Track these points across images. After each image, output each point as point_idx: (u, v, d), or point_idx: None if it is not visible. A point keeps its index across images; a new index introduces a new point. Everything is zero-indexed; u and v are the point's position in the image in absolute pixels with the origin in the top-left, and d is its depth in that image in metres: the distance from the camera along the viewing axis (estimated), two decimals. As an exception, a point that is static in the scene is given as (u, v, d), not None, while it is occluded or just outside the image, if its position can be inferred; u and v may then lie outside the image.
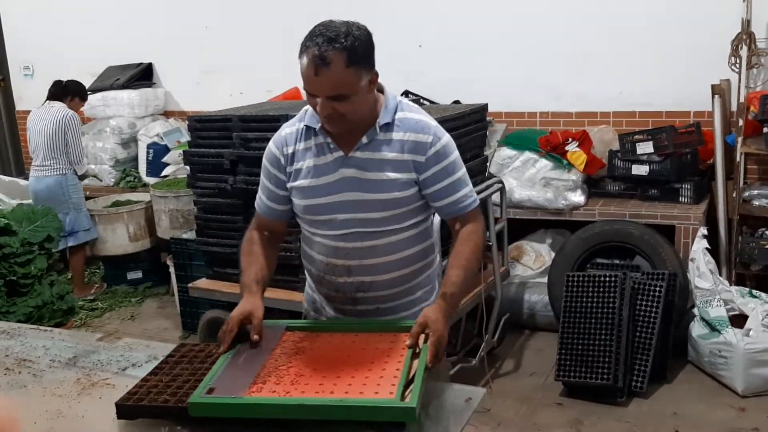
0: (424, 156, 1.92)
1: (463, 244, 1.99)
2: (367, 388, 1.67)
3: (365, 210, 1.94)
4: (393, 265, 2.01)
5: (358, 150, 1.92)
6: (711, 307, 3.68)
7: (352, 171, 1.92)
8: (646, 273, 3.80)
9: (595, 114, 4.89)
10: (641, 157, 4.30)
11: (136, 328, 4.89)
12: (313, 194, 1.96)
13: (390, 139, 1.92)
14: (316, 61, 1.73)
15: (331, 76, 1.74)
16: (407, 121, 1.94)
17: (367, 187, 1.92)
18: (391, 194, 1.93)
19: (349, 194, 1.93)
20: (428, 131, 1.94)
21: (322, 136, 1.94)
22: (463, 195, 2.00)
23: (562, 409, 3.53)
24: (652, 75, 4.64)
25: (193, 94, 6.30)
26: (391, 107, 1.94)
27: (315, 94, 1.79)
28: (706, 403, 3.51)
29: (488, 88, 4.94)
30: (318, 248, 2.05)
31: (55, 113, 5.26)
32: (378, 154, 1.91)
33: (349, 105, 1.80)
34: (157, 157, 5.94)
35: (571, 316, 3.69)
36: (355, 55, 1.76)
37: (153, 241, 5.53)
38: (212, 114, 4.01)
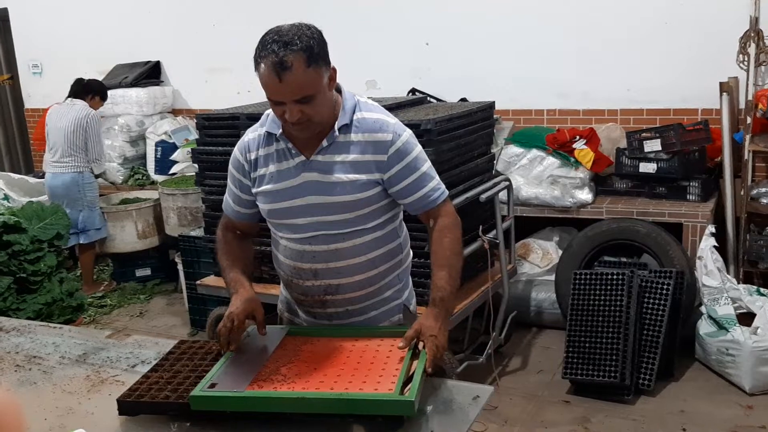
0: (385, 155, 1.91)
1: (439, 242, 1.97)
2: (367, 386, 1.69)
3: (329, 212, 1.93)
4: (360, 267, 2.00)
5: (318, 154, 1.91)
6: (718, 305, 3.67)
7: (314, 174, 1.92)
8: (654, 271, 3.80)
9: (603, 111, 4.88)
10: (649, 154, 4.29)
11: (144, 325, 4.91)
12: (276, 198, 1.97)
13: (349, 141, 1.91)
14: (276, 67, 1.72)
15: (295, 79, 1.74)
16: (365, 121, 1.93)
17: (329, 190, 1.92)
18: (353, 196, 1.92)
19: (311, 198, 1.93)
20: (387, 129, 1.92)
21: (283, 142, 1.94)
22: (430, 189, 1.98)
23: (569, 407, 3.53)
24: (659, 72, 4.62)
25: (200, 92, 6.31)
26: (348, 108, 1.93)
27: (281, 101, 1.79)
28: (713, 401, 3.50)
29: (495, 86, 4.94)
30: (284, 252, 2.05)
31: (78, 111, 5.29)
32: (338, 156, 1.91)
33: (315, 106, 1.80)
34: (165, 155, 5.96)
35: (579, 314, 3.69)
36: (313, 53, 1.75)
37: (161, 238, 5.55)
38: (220, 112, 4.02)
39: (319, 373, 1.77)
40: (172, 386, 1.79)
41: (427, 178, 1.98)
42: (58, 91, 5.79)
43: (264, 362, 1.83)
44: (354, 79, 5.44)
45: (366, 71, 5.46)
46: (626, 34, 4.69)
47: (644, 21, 4.62)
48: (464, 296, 3.62)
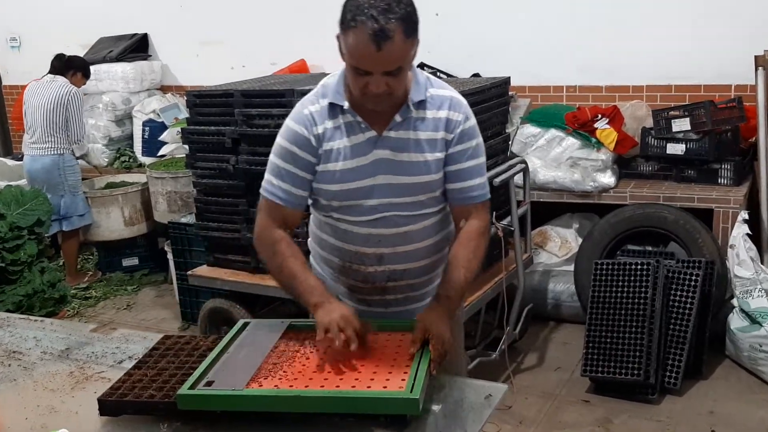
0: (452, 133, 1.95)
1: (466, 243, 1.99)
2: (375, 383, 1.70)
3: (400, 194, 1.94)
4: (426, 251, 2.03)
5: (391, 129, 1.91)
6: (751, 297, 3.66)
7: (386, 152, 1.92)
8: (681, 261, 3.79)
9: (627, 88, 4.85)
10: (677, 134, 4.27)
11: (132, 318, 4.93)
12: (346, 178, 1.94)
13: (423, 117, 1.93)
14: (377, 35, 1.69)
15: (394, 50, 1.72)
16: (439, 98, 1.95)
17: (402, 170, 1.93)
18: (428, 176, 1.95)
19: (383, 177, 1.93)
20: (460, 109, 1.97)
21: (350, 114, 1.91)
22: (476, 184, 2.01)
23: (588, 407, 3.54)
24: (689, 45, 4.59)
25: (191, 67, 6.30)
26: (422, 83, 1.94)
27: (370, 71, 1.76)
28: (745, 401, 3.50)
29: (511, 60, 4.92)
30: (344, 236, 2.03)
31: (57, 88, 5.29)
32: (412, 133, 1.92)
33: (401, 79, 1.81)
34: (153, 136, 5.95)
35: (600, 307, 3.68)
36: (411, 23, 1.76)
37: (150, 225, 5.56)
38: (212, 89, 4.01)
39: (323, 370, 1.77)
40: (157, 384, 1.80)
41: (478, 172, 2.01)
42: (38, 67, 5.79)
43: (264, 358, 1.84)
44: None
45: (370, 44, 5.42)
46: (653, 2, 4.66)
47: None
48: (476, 288, 3.62)
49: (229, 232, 3.90)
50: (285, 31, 5.62)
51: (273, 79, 4.39)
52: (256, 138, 3.65)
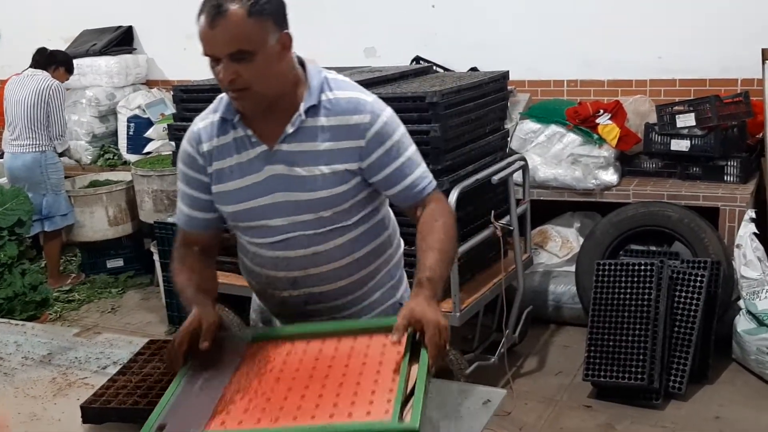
0: (363, 140, 1.81)
1: (430, 225, 1.86)
2: (356, 408, 1.54)
3: (302, 211, 1.84)
4: (345, 271, 1.92)
5: (283, 142, 1.81)
6: (759, 299, 3.67)
7: (280, 167, 1.82)
8: (686, 261, 3.80)
9: (630, 82, 4.86)
10: (681, 130, 4.27)
11: (117, 322, 4.92)
12: (239, 198, 1.86)
13: (319, 125, 1.81)
14: (211, 11, 1.66)
15: (229, 27, 1.65)
16: (337, 101, 1.82)
17: (299, 185, 1.82)
18: (329, 191, 1.82)
19: (280, 195, 1.83)
20: (363, 109, 1.82)
21: (241, 129, 1.83)
22: (417, 177, 1.89)
23: (590, 413, 3.54)
24: (694, 38, 4.60)
25: (178, 60, 6.24)
26: (315, 87, 1.82)
27: (215, 56, 1.70)
28: (752, 406, 3.51)
29: (509, 54, 4.92)
30: (254, 260, 1.96)
31: (39, 82, 5.28)
32: (307, 144, 1.81)
33: (255, 68, 1.69)
34: (138, 132, 5.93)
35: (602, 309, 3.69)
36: (258, 3, 1.67)
37: (135, 225, 5.56)
38: (200, 83, 4.02)
39: (295, 395, 1.61)
40: (141, 390, 1.80)
41: (413, 165, 1.89)
42: (18, 61, 5.78)
43: (224, 385, 1.68)
44: (351, 46, 5.43)
45: (364, 38, 5.44)
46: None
47: (677, -20, 4.61)
48: (474, 290, 3.62)
49: (217, 232, 3.88)
50: (275, 23, 5.60)
51: (263, 73, 4.37)
52: (245, 134, 3.63)
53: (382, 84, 3.67)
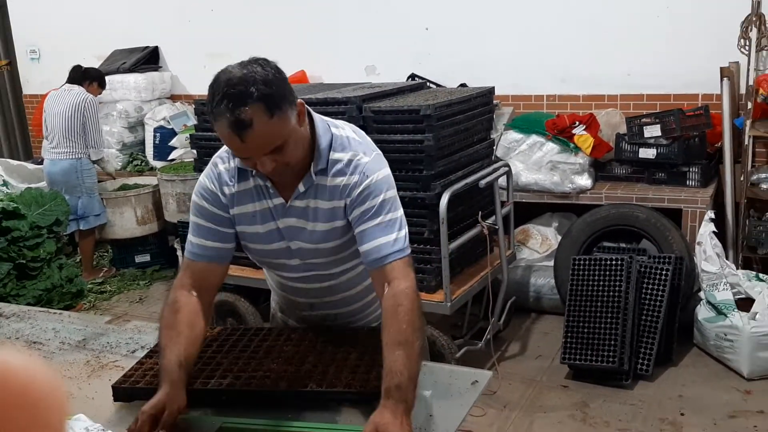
0: (349, 198, 1.72)
1: (393, 313, 1.60)
2: None
3: (315, 256, 1.81)
4: (356, 297, 1.94)
5: (296, 198, 1.74)
6: (717, 290, 3.68)
7: (293, 220, 1.76)
8: (653, 257, 3.80)
9: (603, 97, 4.86)
10: (648, 140, 4.28)
11: (144, 310, 4.92)
12: (262, 240, 1.80)
13: (324, 185, 1.73)
14: (236, 127, 1.50)
15: (258, 135, 1.51)
16: (337, 164, 1.72)
17: (310, 237, 1.77)
18: (333, 243, 1.78)
19: (295, 243, 1.79)
20: (355, 171, 1.71)
21: (260, 179, 1.73)
22: (384, 242, 1.68)
23: (567, 392, 3.55)
24: (660, 57, 4.61)
25: (199, 77, 6.15)
26: (324, 149, 1.71)
27: (249, 157, 1.59)
28: (711, 386, 3.52)
29: (495, 71, 4.92)
30: (278, 284, 1.99)
31: (75, 96, 5.27)
32: (314, 201, 1.74)
33: (288, 152, 1.59)
34: (163, 141, 5.94)
35: (577, 300, 3.69)
36: (273, 100, 1.52)
37: (160, 224, 5.55)
38: (219, 98, 4.00)
39: None
40: None
41: (386, 230, 1.69)
42: (56, 77, 5.77)
43: None
44: (353, 64, 5.43)
45: (365, 57, 5.44)
46: (627, 18, 4.67)
47: (645, 5, 4.60)
48: (463, 282, 3.62)
49: (234, 230, 3.89)
50: (286, 43, 5.61)
51: (275, 88, 4.36)
52: (259, 143, 3.63)
53: (381, 98, 3.66)
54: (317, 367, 1.76)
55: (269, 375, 1.73)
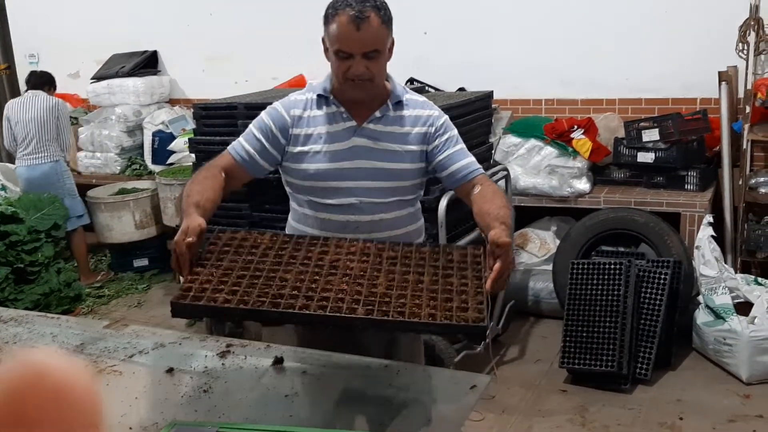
0: (433, 126, 2.04)
1: (488, 195, 1.96)
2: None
3: (375, 178, 2.00)
4: (400, 239, 2.03)
5: (370, 122, 2.00)
6: (716, 294, 3.67)
7: (364, 140, 2.00)
8: (651, 261, 3.80)
9: (601, 101, 4.86)
10: (647, 144, 4.27)
11: (142, 315, 4.90)
12: (325, 159, 2.00)
13: (401, 116, 2.03)
14: (355, 18, 1.84)
15: (371, 31, 1.85)
16: (414, 101, 2.07)
17: (379, 156, 2.00)
18: (401, 165, 2.01)
19: (361, 161, 1.99)
20: (433, 108, 2.09)
21: (335, 105, 2.00)
22: (469, 162, 2.07)
23: (566, 396, 3.54)
24: (658, 61, 4.61)
25: (198, 81, 6.27)
26: (399, 89, 2.07)
27: (351, 53, 1.87)
28: (710, 390, 3.51)
29: (493, 75, 4.92)
30: (322, 225, 2.06)
31: (45, 101, 5.28)
32: (389, 127, 2.02)
33: (378, 65, 1.91)
34: (162, 145, 5.91)
35: (576, 304, 3.68)
36: (385, 13, 1.89)
37: (159, 228, 5.53)
38: (217, 102, 4.01)
39: None
40: (227, 287, 1.59)
41: (465, 153, 2.09)
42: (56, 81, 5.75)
43: None
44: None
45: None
46: (625, 23, 4.67)
47: (643, 9, 4.61)
48: (462, 286, 3.61)
49: (232, 234, 3.89)
50: (285, 48, 5.61)
51: (274, 92, 4.38)
52: (257, 147, 3.64)
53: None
54: (391, 290, 1.64)
55: (342, 297, 1.60)
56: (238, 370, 1.88)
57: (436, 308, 1.58)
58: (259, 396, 1.75)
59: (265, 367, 1.86)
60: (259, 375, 1.84)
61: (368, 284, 1.66)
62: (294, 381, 1.80)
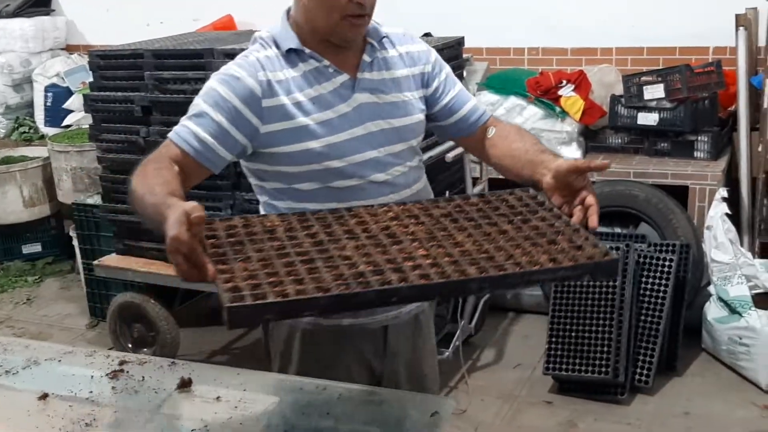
0: (429, 64, 2.00)
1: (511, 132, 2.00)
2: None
3: (388, 142, 1.90)
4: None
5: (364, 71, 1.89)
6: (730, 284, 3.68)
7: (366, 95, 1.88)
8: (654, 244, 3.80)
9: (595, 50, 4.84)
10: (649, 103, 4.25)
11: (32, 314, 4.80)
12: (327, 131, 1.82)
13: (393, 55, 1.96)
14: None
15: None
16: (395, 35, 2.00)
17: (385, 112, 1.90)
18: (409, 119, 1.93)
19: (371, 124, 1.88)
20: (419, 41, 2.04)
21: (314, 60, 1.84)
22: (475, 104, 2.05)
23: (551, 409, 3.54)
24: (664, 1, 4.58)
25: (102, 23, 6.14)
26: (374, 24, 1.94)
27: None
28: (723, 400, 3.53)
29: (466, 18, 4.86)
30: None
31: None
32: (385, 73, 1.93)
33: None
34: (57, 103, 5.83)
35: (564, 297, 3.67)
36: None
37: (53, 206, 5.42)
38: (119, 48, 3.86)
39: None
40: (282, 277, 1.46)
41: (467, 93, 2.06)
42: None
43: None
44: (292, 8, 5.28)
45: None
46: (624, -45, 4.64)
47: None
48: (426, 277, 3.54)
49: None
50: (209, -18, 5.48)
51: (191, 37, 4.24)
52: (170, 106, 3.53)
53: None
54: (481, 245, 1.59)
55: (436, 263, 1.51)
56: (133, 395, 1.80)
57: (549, 253, 1.57)
58: (157, 430, 1.69)
59: (168, 392, 1.79)
60: (159, 402, 1.76)
61: (450, 244, 1.60)
62: (204, 410, 1.72)
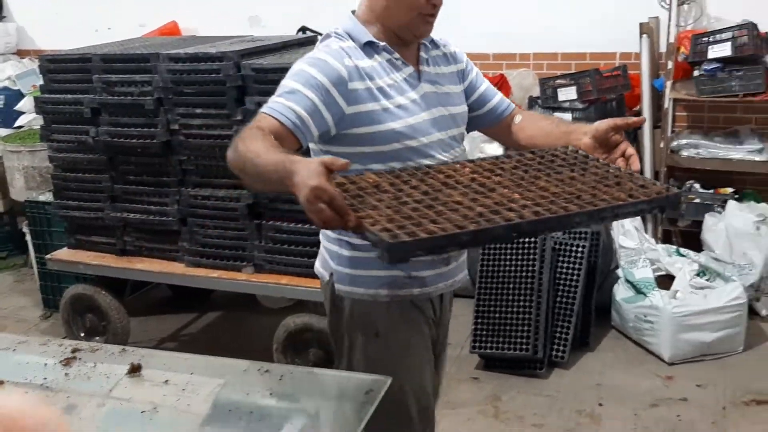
0: (464, 62, 2.07)
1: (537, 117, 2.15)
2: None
3: (448, 126, 1.96)
4: None
5: (422, 65, 1.96)
6: (636, 267, 3.74)
7: (429, 86, 1.95)
8: (568, 232, 3.79)
9: (514, 56, 4.85)
10: (563, 104, 4.29)
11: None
12: (403, 114, 1.86)
13: (438, 54, 2.02)
14: None
15: None
16: (437, 39, 2.06)
17: (444, 101, 1.96)
18: (460, 108, 2.02)
19: (436, 110, 1.94)
20: (452, 44, 2.09)
21: (387, 53, 1.89)
22: (501, 97, 2.13)
23: (478, 384, 3.53)
24: (575, 11, 4.62)
25: (52, 29, 5.93)
26: None
27: None
28: (631, 372, 3.57)
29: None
30: None
31: None
32: (437, 68, 2.00)
33: None
34: (8, 105, 5.64)
35: (488, 281, 3.67)
36: None
37: (6, 204, 5.18)
38: (68, 52, 3.74)
39: None
40: (416, 220, 1.43)
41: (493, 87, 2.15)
42: None
43: None
44: (234, 15, 5.20)
45: (248, 5, 5.22)
46: (540, -32, 4.65)
47: (559, -46, 4.60)
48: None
49: (91, 211, 3.68)
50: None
51: (138, 42, 4.13)
52: (117, 107, 3.45)
53: (263, 54, 3.48)
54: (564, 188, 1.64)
55: (538, 203, 1.55)
56: (85, 381, 1.76)
57: (623, 192, 1.63)
58: (109, 413, 1.67)
59: (119, 376, 1.75)
60: (110, 386, 1.73)
61: (537, 189, 1.64)
62: (153, 393, 1.69)
